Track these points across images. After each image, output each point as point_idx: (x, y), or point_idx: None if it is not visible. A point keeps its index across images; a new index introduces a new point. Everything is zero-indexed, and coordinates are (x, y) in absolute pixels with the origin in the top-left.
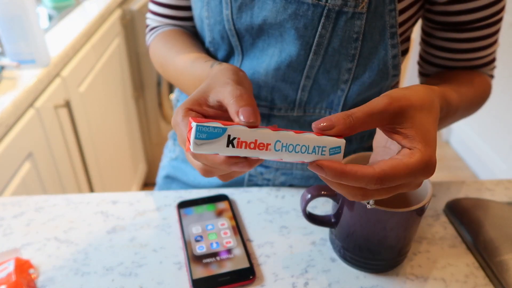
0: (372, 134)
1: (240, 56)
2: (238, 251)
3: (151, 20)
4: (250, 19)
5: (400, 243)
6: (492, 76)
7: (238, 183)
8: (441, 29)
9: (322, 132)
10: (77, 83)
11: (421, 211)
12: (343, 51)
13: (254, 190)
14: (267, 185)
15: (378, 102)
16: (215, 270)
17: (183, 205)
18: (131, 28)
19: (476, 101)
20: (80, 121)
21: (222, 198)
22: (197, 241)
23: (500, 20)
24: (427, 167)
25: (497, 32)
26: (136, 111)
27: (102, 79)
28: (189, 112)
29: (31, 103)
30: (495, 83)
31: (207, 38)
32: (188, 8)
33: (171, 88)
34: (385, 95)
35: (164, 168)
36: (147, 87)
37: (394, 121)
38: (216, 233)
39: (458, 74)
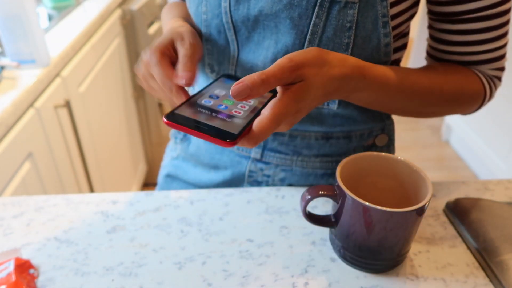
0: (372, 132)
1: (236, 51)
2: (239, 121)
3: None
4: (247, 11)
5: (400, 243)
6: (496, 78)
7: (239, 179)
8: (438, 19)
9: (236, 98)
10: (77, 83)
11: (421, 211)
12: (337, 40)
13: (254, 190)
14: (267, 181)
15: (283, 65)
16: (200, 118)
17: (227, 75)
18: (131, 28)
19: (441, 91)
20: (80, 121)
21: (271, 90)
22: (210, 97)
23: (499, 14)
24: (285, 116)
25: (496, 27)
26: (136, 111)
27: (102, 79)
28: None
29: (31, 103)
30: None
31: (203, 36)
32: None
33: None
34: (287, 57)
35: (165, 167)
36: None
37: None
38: (234, 101)
39: (435, 65)
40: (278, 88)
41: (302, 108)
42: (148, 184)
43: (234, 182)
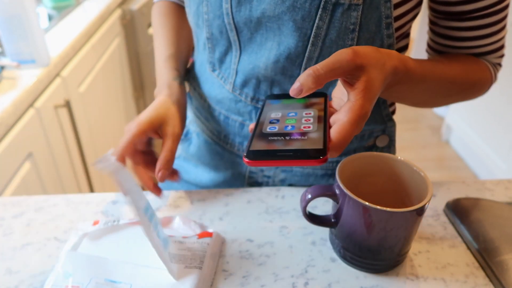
0: (373, 133)
1: (238, 51)
2: (315, 135)
3: None
4: (249, 12)
5: (400, 243)
6: (498, 65)
7: (239, 180)
8: (444, 18)
9: (298, 96)
10: (77, 83)
11: (421, 211)
12: (340, 42)
13: (254, 190)
14: (267, 182)
15: (342, 57)
16: (278, 146)
17: (270, 97)
18: (131, 28)
19: (462, 80)
20: (80, 121)
21: (320, 94)
22: (271, 123)
23: (503, 9)
24: (363, 119)
25: (500, 21)
26: (136, 111)
27: (102, 79)
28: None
29: (31, 103)
30: (495, 83)
31: (205, 34)
32: None
33: None
34: (351, 49)
35: None
36: (147, 87)
37: (354, 74)
38: (296, 119)
39: (448, 56)
40: (349, 91)
41: (372, 107)
42: None
43: (235, 183)
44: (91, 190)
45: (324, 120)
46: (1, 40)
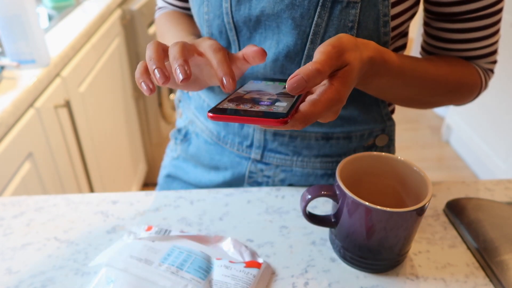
0: (372, 132)
1: (238, 51)
2: (283, 104)
3: (160, 2)
4: (248, 11)
5: (400, 243)
6: (490, 71)
7: (239, 180)
8: (437, 19)
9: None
10: (77, 83)
11: (421, 211)
12: None
13: (254, 190)
14: (267, 182)
15: (332, 63)
16: (244, 108)
17: (255, 78)
18: (131, 28)
19: (447, 81)
20: (80, 121)
21: None
22: (245, 91)
23: (495, 13)
24: (337, 103)
25: (492, 25)
26: (136, 111)
27: (102, 79)
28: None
29: (31, 103)
30: (495, 83)
31: (205, 35)
32: None
33: (171, 88)
34: (337, 52)
35: (165, 167)
36: None
37: (338, 68)
38: (270, 93)
39: (437, 56)
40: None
41: (348, 94)
42: (148, 184)
43: (235, 183)
44: (91, 190)
45: (296, 98)
46: (1, 40)
